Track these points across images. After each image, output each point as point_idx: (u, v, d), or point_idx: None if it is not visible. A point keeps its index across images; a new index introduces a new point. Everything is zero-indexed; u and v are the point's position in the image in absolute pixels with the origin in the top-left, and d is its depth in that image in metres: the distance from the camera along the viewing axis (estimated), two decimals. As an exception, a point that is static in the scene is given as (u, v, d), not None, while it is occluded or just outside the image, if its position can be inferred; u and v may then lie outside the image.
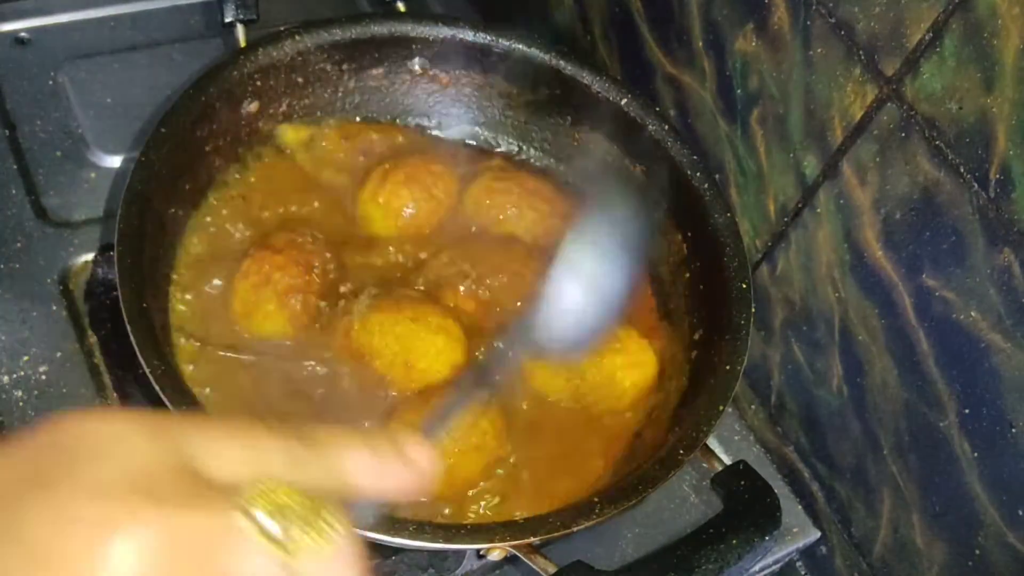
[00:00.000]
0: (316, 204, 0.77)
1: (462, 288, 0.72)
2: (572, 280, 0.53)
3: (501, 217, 0.78)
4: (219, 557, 0.27)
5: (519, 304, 0.72)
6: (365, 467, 0.32)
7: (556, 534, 0.57)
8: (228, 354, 0.68)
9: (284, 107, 0.78)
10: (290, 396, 0.67)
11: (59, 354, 0.72)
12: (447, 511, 0.65)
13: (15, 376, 0.70)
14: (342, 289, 0.72)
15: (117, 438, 0.28)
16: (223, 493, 0.28)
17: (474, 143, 0.86)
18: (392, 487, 0.33)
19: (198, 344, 0.68)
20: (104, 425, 0.29)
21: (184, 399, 0.57)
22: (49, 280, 0.76)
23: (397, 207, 0.76)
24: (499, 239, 0.77)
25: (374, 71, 0.81)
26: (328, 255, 0.72)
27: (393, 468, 0.33)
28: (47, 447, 0.28)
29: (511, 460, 0.67)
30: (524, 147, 0.85)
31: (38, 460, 0.28)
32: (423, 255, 0.76)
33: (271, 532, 0.28)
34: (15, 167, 0.82)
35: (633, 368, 0.71)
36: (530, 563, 0.58)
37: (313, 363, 0.69)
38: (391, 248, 0.76)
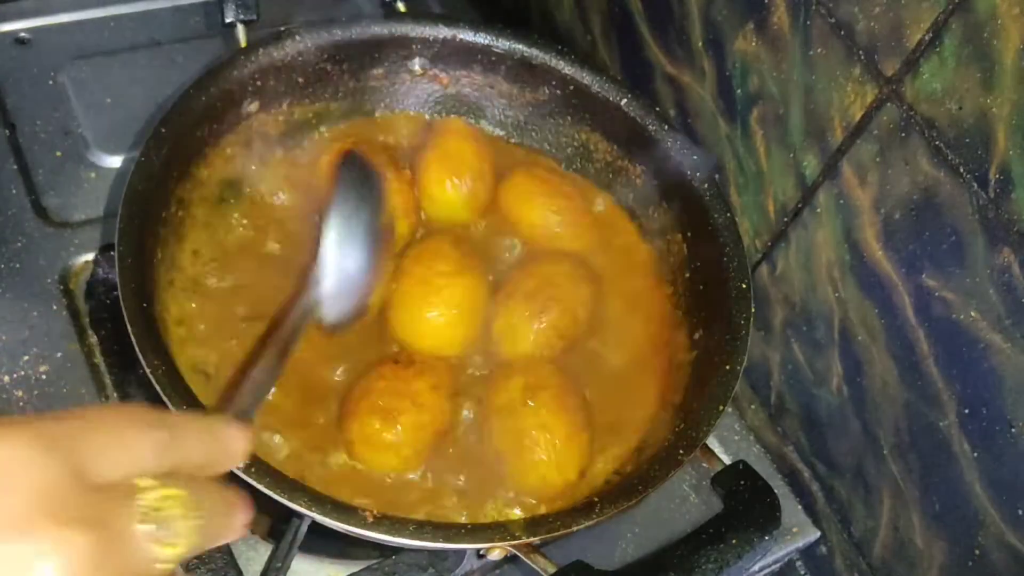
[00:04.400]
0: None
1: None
2: (344, 255, 0.63)
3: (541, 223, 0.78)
4: (123, 561, 0.31)
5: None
6: (202, 454, 0.37)
7: (556, 534, 0.58)
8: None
9: (284, 107, 0.78)
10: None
11: (59, 354, 0.72)
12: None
13: (15, 376, 0.71)
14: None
15: (18, 462, 0.31)
16: (108, 499, 0.32)
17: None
18: (216, 472, 0.39)
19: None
20: (2, 450, 0.31)
21: (184, 399, 0.57)
22: (49, 280, 0.76)
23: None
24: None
25: (374, 71, 0.81)
26: None
27: (220, 457, 0.39)
28: None
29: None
30: (525, 147, 0.85)
31: None
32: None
33: (159, 535, 0.33)
34: (15, 167, 0.82)
35: None
36: (530, 563, 0.58)
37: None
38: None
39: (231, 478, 0.54)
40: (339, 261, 0.63)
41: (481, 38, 0.80)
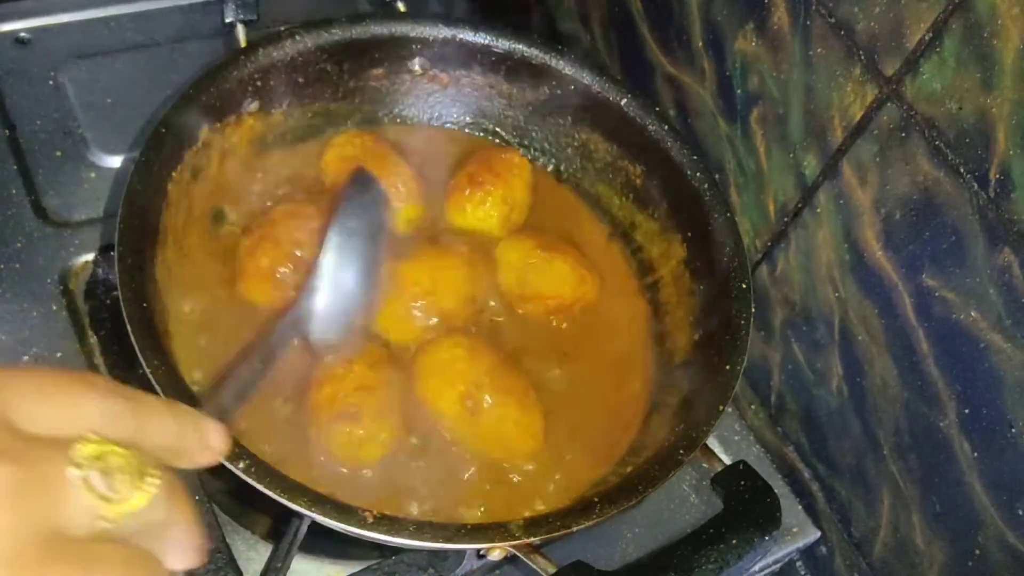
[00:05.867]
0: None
1: None
2: (338, 275, 0.64)
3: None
4: (38, 509, 0.28)
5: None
6: (169, 436, 0.35)
7: (556, 534, 0.57)
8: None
9: (284, 107, 0.78)
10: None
11: (59, 354, 0.72)
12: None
13: (15, 376, 0.70)
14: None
15: None
16: (42, 446, 0.29)
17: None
18: (187, 461, 0.36)
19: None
20: None
21: (185, 399, 0.57)
22: (49, 280, 0.76)
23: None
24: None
25: (374, 71, 0.81)
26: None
27: (192, 445, 0.36)
28: None
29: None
30: (525, 147, 0.85)
31: None
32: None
33: (93, 483, 0.30)
34: (15, 167, 0.82)
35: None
36: (530, 563, 0.58)
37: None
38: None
39: (233, 479, 0.54)
40: (336, 278, 0.63)
41: (481, 38, 0.80)
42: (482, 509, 0.66)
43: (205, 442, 0.37)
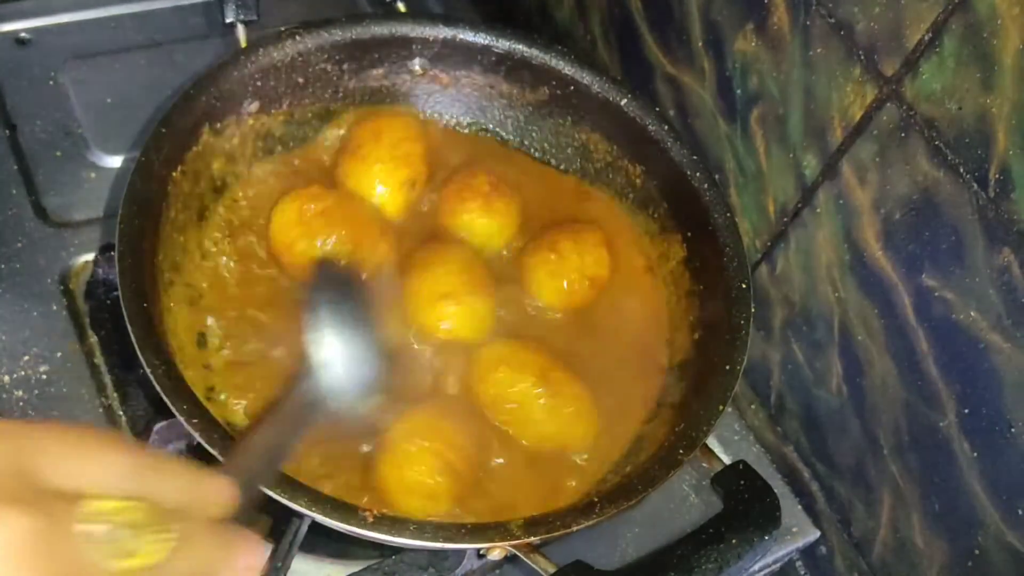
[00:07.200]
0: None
1: None
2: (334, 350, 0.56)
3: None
4: (54, 561, 0.29)
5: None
6: (182, 492, 0.35)
7: (556, 534, 0.58)
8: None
9: (284, 107, 0.78)
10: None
11: (59, 354, 0.72)
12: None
13: (15, 376, 0.71)
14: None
15: None
16: (59, 499, 0.31)
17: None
18: (201, 515, 0.36)
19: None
20: None
21: (184, 399, 0.57)
22: (49, 280, 0.76)
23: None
24: None
25: (374, 71, 0.81)
26: None
27: (203, 501, 0.36)
28: None
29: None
30: (524, 147, 0.85)
31: None
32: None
33: (103, 539, 0.31)
34: (15, 167, 0.82)
35: None
36: (530, 563, 0.58)
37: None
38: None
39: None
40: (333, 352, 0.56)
41: (481, 38, 0.80)
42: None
43: (210, 500, 0.37)
